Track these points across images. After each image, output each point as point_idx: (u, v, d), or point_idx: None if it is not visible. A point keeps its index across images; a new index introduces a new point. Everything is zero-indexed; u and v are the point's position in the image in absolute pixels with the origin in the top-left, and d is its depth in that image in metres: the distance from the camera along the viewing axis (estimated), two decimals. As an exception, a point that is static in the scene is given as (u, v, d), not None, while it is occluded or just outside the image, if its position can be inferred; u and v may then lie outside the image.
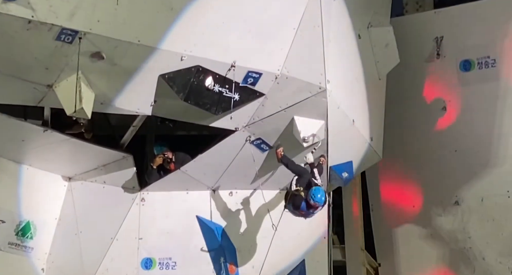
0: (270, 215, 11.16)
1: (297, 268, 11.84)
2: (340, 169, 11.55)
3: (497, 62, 12.83)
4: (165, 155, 11.72)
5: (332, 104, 10.63)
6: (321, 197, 10.28)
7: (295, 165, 10.70)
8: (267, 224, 11.31)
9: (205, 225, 11.70)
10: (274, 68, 10.36)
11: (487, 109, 12.93)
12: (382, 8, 12.65)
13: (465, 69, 13.13)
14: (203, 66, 10.02)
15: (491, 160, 12.91)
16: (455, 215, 13.38)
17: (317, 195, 10.26)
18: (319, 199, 10.28)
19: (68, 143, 11.06)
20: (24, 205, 11.48)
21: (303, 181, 10.57)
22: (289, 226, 11.57)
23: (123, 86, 10.06)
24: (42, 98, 10.12)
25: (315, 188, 10.35)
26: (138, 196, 11.80)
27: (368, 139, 11.97)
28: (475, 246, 13.23)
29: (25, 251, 11.58)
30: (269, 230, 11.20)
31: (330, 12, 10.59)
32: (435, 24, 13.33)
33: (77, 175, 11.84)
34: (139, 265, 11.76)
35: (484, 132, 12.95)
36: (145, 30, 9.52)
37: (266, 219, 11.39)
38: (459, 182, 13.24)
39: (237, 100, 10.36)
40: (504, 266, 12.99)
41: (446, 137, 13.34)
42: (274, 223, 10.96)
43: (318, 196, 10.26)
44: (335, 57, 10.66)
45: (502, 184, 12.84)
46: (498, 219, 12.98)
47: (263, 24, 10.21)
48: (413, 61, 13.30)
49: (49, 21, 9.00)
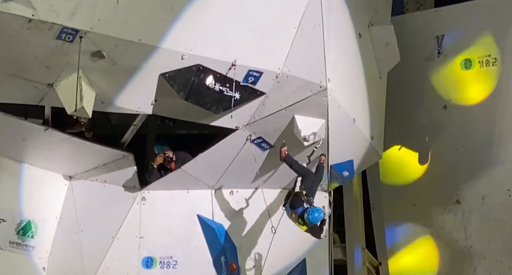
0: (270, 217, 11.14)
1: (298, 267, 11.84)
2: (341, 167, 11.55)
3: (498, 60, 12.83)
4: (165, 154, 11.71)
5: (332, 103, 10.62)
6: (317, 217, 10.20)
7: (299, 165, 10.67)
8: (268, 223, 11.31)
9: (206, 224, 11.70)
10: (274, 67, 10.35)
11: (488, 108, 12.93)
12: (382, 6, 12.64)
13: (466, 67, 13.13)
14: (203, 65, 10.00)
15: (492, 159, 12.91)
16: (456, 214, 13.38)
17: (315, 214, 10.20)
18: (314, 219, 10.21)
19: (68, 142, 11.05)
20: (25, 204, 11.48)
21: (306, 182, 10.53)
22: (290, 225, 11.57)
23: (123, 85, 10.05)
24: (43, 97, 10.12)
25: (317, 208, 10.24)
26: (139, 195, 11.80)
27: (368, 138, 11.96)
28: (476, 245, 13.23)
29: (26, 250, 11.57)
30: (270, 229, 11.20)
31: (330, 11, 10.58)
32: (436, 22, 13.33)
33: (77, 174, 11.84)
34: (140, 264, 11.75)
35: (485, 131, 12.94)
36: (145, 29, 9.51)
37: (267, 217, 11.38)
38: (460, 181, 13.25)
39: (237, 99, 10.35)
40: (505, 265, 12.99)
41: (447, 136, 13.34)
42: (274, 225, 10.94)
43: (315, 215, 10.19)
44: (335, 56, 10.65)
45: (503, 183, 12.84)
46: (499, 218, 12.98)
47: (264, 23, 10.19)
48: (414, 60, 13.29)
49: (50, 20, 8.98)
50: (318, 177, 10.76)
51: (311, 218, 10.22)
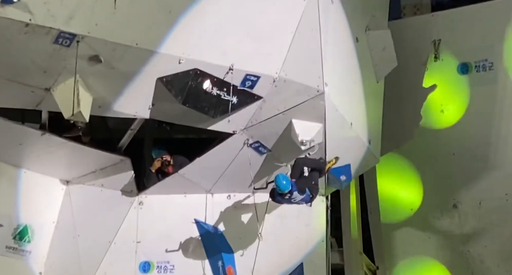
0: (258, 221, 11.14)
1: (295, 272, 11.82)
2: (338, 172, 11.54)
3: (495, 65, 12.85)
4: (163, 158, 11.70)
5: (330, 107, 10.62)
6: (285, 184, 10.21)
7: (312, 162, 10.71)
8: (265, 227, 11.30)
9: (203, 228, 11.68)
10: (272, 71, 10.35)
11: (485, 112, 12.94)
12: (380, 11, 12.65)
13: (463, 72, 13.16)
14: (201, 70, 10.01)
15: (489, 163, 12.93)
16: (453, 218, 13.38)
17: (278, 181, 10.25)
18: (283, 186, 10.23)
19: (66, 146, 11.04)
20: (22, 209, 11.46)
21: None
22: (287, 229, 11.58)
23: (121, 90, 10.05)
24: (40, 102, 10.11)
25: (280, 174, 10.33)
26: (136, 200, 11.79)
27: (366, 142, 11.97)
28: (473, 249, 13.24)
29: (23, 254, 11.55)
30: (268, 234, 11.20)
31: (327, 15, 10.59)
32: (433, 27, 13.36)
33: (75, 178, 11.83)
34: (137, 268, 11.74)
35: (482, 136, 12.96)
36: (143, 34, 9.51)
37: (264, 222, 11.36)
38: (457, 185, 13.26)
39: (235, 104, 10.35)
40: (502, 270, 13.00)
41: (444, 140, 13.36)
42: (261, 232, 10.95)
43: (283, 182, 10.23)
44: (333, 60, 10.66)
45: (500, 187, 12.86)
46: (496, 222, 12.99)
47: (261, 27, 10.21)
48: (411, 64, 13.31)
49: (47, 25, 8.98)
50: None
51: (281, 187, 10.24)
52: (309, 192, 10.55)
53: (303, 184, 10.50)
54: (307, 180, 10.54)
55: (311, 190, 10.58)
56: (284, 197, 10.45)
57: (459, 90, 13.23)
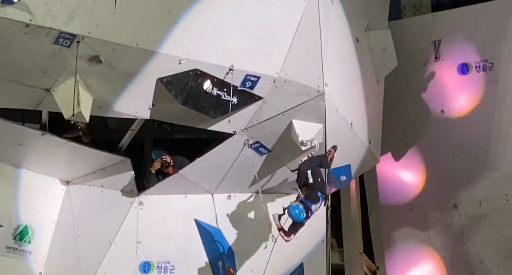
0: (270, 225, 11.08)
1: (296, 272, 11.83)
2: (338, 172, 11.53)
3: (495, 65, 12.85)
4: (163, 158, 11.70)
5: (330, 107, 10.62)
6: (299, 214, 10.19)
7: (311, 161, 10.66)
8: (265, 228, 11.29)
9: (203, 229, 11.69)
10: (272, 71, 10.35)
11: (485, 112, 12.94)
12: (380, 11, 12.65)
13: (463, 72, 13.15)
14: (201, 70, 10.00)
15: (489, 163, 12.92)
16: (453, 218, 13.38)
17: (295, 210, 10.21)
18: (298, 217, 10.21)
19: (66, 146, 11.05)
20: (22, 209, 11.47)
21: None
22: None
23: (121, 90, 10.05)
24: (40, 102, 10.11)
25: (290, 205, 10.25)
26: (136, 200, 11.80)
27: (366, 142, 11.97)
28: (473, 250, 13.23)
29: (23, 255, 11.56)
30: (267, 234, 11.18)
31: (328, 16, 10.59)
32: (433, 27, 13.35)
33: (75, 178, 11.84)
34: (138, 269, 11.75)
35: (482, 136, 12.95)
36: (143, 34, 9.51)
37: (264, 222, 11.37)
38: (457, 186, 13.26)
39: (235, 104, 10.34)
40: (502, 270, 12.99)
41: (444, 140, 13.35)
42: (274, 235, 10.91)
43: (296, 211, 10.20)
44: (333, 60, 10.66)
45: (500, 187, 12.85)
46: (496, 223, 12.99)
47: (261, 28, 10.20)
48: (411, 65, 13.30)
49: (47, 25, 8.98)
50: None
51: (295, 217, 10.19)
52: (320, 194, 10.48)
53: (313, 192, 10.38)
54: (314, 185, 10.44)
55: (321, 190, 10.52)
56: (307, 217, 10.38)
57: (459, 90, 13.22)
